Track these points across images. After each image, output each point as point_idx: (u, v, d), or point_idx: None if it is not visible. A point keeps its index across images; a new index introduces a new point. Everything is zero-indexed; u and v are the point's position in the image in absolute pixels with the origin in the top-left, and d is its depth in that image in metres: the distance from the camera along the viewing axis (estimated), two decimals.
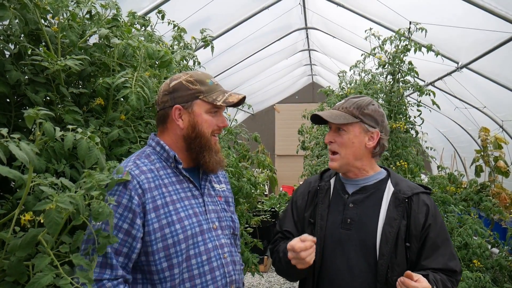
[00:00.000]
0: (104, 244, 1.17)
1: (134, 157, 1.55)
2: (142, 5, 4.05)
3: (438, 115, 6.88)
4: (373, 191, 1.74)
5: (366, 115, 1.72)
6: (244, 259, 3.14)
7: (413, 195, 1.69)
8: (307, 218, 1.81)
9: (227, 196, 1.76)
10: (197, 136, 1.55)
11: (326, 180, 1.86)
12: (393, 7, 4.71)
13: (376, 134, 1.73)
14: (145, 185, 1.45)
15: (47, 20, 1.82)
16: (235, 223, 1.72)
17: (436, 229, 1.66)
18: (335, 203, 1.77)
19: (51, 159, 1.47)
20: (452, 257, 1.67)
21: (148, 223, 1.42)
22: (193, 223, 1.51)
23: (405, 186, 1.73)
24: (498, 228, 4.73)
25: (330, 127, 1.78)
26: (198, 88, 1.55)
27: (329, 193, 1.81)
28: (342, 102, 1.78)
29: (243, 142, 3.96)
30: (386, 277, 1.60)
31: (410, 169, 3.76)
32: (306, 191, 1.88)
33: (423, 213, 1.67)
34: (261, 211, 7.05)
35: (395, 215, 1.65)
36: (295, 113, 9.29)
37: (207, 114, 1.56)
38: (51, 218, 1.01)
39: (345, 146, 1.71)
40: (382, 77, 4.15)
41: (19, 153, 0.97)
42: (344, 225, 1.71)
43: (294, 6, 6.33)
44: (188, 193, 1.56)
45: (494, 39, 4.24)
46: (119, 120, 1.90)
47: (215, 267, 1.52)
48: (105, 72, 1.98)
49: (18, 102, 1.69)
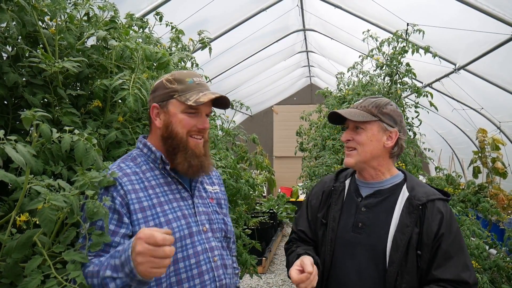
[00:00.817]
0: (99, 242, 1.17)
1: (119, 161, 1.52)
2: (140, 7, 4.05)
3: (436, 116, 6.89)
4: (387, 195, 1.70)
5: (385, 114, 1.70)
6: (242, 260, 3.14)
7: (428, 202, 1.63)
8: (320, 218, 1.80)
9: (220, 198, 1.72)
10: (170, 136, 1.50)
11: (341, 181, 1.84)
12: (390, 9, 4.73)
13: (395, 133, 1.71)
14: (127, 187, 1.41)
15: (44, 22, 1.82)
16: (227, 226, 1.67)
17: (449, 238, 1.60)
18: (348, 205, 1.75)
19: (48, 161, 1.46)
20: (465, 268, 1.58)
21: (134, 223, 1.39)
22: (182, 225, 1.46)
23: (421, 192, 1.67)
24: (496, 229, 4.73)
25: (347, 127, 1.76)
26: (174, 87, 1.51)
27: (343, 195, 1.79)
28: (361, 101, 1.75)
29: (241, 144, 3.97)
30: (395, 284, 1.57)
31: (408, 171, 3.77)
32: (320, 191, 1.86)
33: (437, 221, 1.60)
34: (260, 213, 7.03)
35: (408, 222, 1.61)
36: (293, 115, 9.33)
37: (183, 114, 1.50)
38: (45, 216, 1.01)
39: (362, 144, 1.69)
40: (380, 79, 4.15)
41: (15, 155, 0.96)
42: (355, 228, 1.68)
43: (292, 8, 6.34)
44: (176, 195, 1.52)
45: (491, 41, 4.25)
46: (116, 122, 1.89)
47: (204, 270, 1.47)
48: (102, 74, 1.98)
49: (15, 104, 1.68)
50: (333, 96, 5.40)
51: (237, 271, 1.76)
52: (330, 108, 5.20)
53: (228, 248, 1.68)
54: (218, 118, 3.59)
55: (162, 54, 2.02)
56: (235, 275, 1.73)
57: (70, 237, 1.16)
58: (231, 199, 3.15)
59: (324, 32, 7.13)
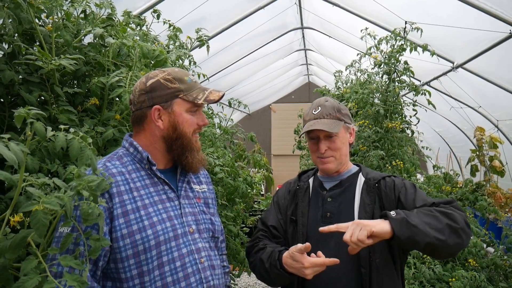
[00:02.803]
0: (97, 247, 1.15)
1: (105, 159, 1.49)
2: (137, 5, 4.03)
3: (434, 114, 6.89)
4: (347, 184, 1.81)
5: (345, 115, 1.82)
6: (240, 258, 3.14)
7: (381, 179, 1.76)
8: (289, 216, 1.85)
9: (207, 198, 1.68)
10: (179, 136, 1.49)
11: (304, 181, 1.93)
12: (388, 6, 4.72)
13: (352, 129, 1.87)
14: (113, 190, 1.38)
15: (41, 19, 1.81)
16: (215, 225, 1.63)
17: (407, 191, 1.69)
18: (315, 199, 1.84)
19: (44, 159, 1.46)
20: (430, 199, 1.68)
21: (115, 229, 1.35)
22: (167, 227, 1.43)
23: (375, 174, 1.82)
24: (493, 227, 4.75)
25: (317, 136, 1.79)
26: (178, 87, 1.48)
27: (309, 192, 1.88)
28: (321, 110, 1.79)
29: (239, 142, 3.96)
30: (369, 260, 1.64)
31: (406, 169, 3.78)
32: (287, 191, 1.94)
33: (391, 188, 1.72)
34: (258, 211, 7.04)
35: (368, 201, 1.72)
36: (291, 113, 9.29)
37: (187, 113, 1.49)
38: (38, 219, 1.00)
39: (339, 149, 1.79)
40: (378, 77, 4.15)
41: (7, 153, 0.95)
42: (325, 219, 1.76)
43: (290, 6, 6.33)
44: (162, 196, 1.49)
45: (489, 39, 4.25)
46: (113, 120, 1.89)
47: (190, 273, 1.44)
48: (99, 72, 1.97)
49: (12, 102, 1.68)
50: (331, 94, 5.39)
51: (227, 269, 1.75)
52: None
53: (216, 248, 1.65)
54: (216, 116, 3.59)
55: (159, 52, 2.01)
56: (225, 274, 1.72)
57: (68, 242, 1.14)
58: (228, 198, 3.15)
59: (322, 30, 7.12)
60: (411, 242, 1.46)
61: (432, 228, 1.48)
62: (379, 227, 1.45)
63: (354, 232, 1.44)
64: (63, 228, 1.23)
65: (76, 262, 1.10)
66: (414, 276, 3.33)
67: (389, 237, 1.46)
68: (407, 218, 1.47)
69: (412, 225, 1.45)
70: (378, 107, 3.83)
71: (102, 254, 1.33)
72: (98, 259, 1.33)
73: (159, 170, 1.51)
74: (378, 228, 1.45)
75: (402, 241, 1.45)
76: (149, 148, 1.50)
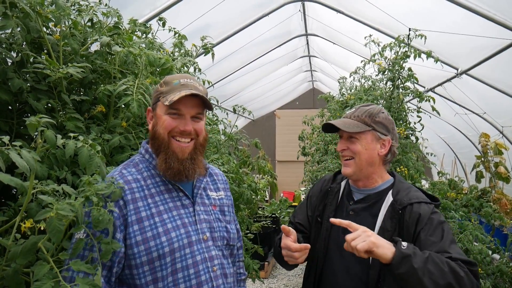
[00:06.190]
0: (108, 250, 1.17)
1: (121, 167, 1.51)
2: (143, 13, 4.07)
3: (438, 121, 6.89)
4: (374, 201, 1.74)
5: (377, 122, 1.74)
6: (245, 265, 3.14)
7: (408, 205, 1.65)
8: (316, 216, 1.86)
9: (223, 205, 1.67)
10: (153, 136, 1.50)
11: (338, 182, 1.89)
12: (392, 14, 4.74)
13: (388, 141, 1.76)
14: (127, 196, 1.40)
15: (49, 28, 1.84)
16: (230, 234, 1.62)
17: (429, 229, 1.59)
18: (341, 207, 1.81)
19: (53, 165, 1.47)
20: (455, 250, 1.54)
21: (130, 235, 1.37)
22: (181, 234, 1.44)
23: (404, 195, 1.70)
24: (499, 234, 4.72)
25: (341, 136, 1.79)
26: (161, 90, 1.51)
27: (338, 196, 1.85)
28: (353, 111, 1.79)
29: (244, 148, 3.97)
30: (376, 285, 1.61)
31: (410, 175, 3.77)
32: (319, 189, 1.93)
33: (414, 221, 1.61)
34: (262, 217, 7.04)
35: (389, 227, 1.65)
36: (296, 119, 9.32)
37: (166, 115, 1.48)
38: (53, 226, 1.01)
39: (358, 153, 1.73)
40: (382, 83, 4.16)
41: (19, 161, 0.97)
42: (344, 230, 1.69)
43: (294, 13, 6.36)
44: (177, 203, 1.49)
45: (493, 46, 4.26)
46: (120, 127, 1.91)
47: (203, 281, 1.44)
48: (106, 79, 1.99)
49: (20, 109, 1.70)
50: (335, 101, 5.41)
51: (243, 277, 1.75)
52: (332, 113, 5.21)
53: (231, 256, 1.65)
54: (220, 123, 3.60)
55: (165, 60, 2.03)
56: (241, 282, 1.73)
57: (79, 248, 1.16)
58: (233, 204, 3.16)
59: (326, 37, 7.14)
60: (400, 279, 1.43)
61: (430, 279, 1.41)
62: (381, 251, 1.43)
63: (358, 239, 1.44)
64: (78, 234, 1.25)
65: (87, 267, 1.11)
66: None
67: (385, 263, 1.44)
68: (412, 257, 1.42)
69: (412, 267, 1.41)
70: None
71: (116, 260, 1.34)
72: (112, 265, 1.34)
73: None
74: (380, 251, 1.43)
75: (395, 273, 1.42)
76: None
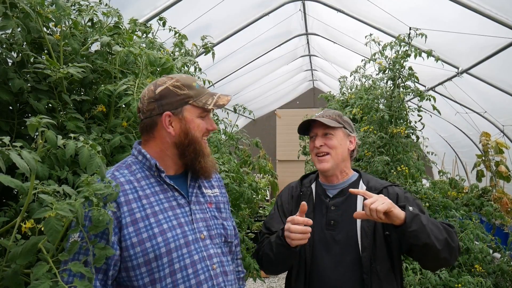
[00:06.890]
0: (102, 256, 1.17)
1: (113, 168, 1.49)
2: (144, 13, 4.07)
3: (439, 120, 6.88)
4: (349, 192, 1.85)
5: (345, 121, 1.95)
6: (245, 264, 3.14)
7: (383, 188, 1.86)
8: None
9: (219, 202, 1.67)
10: (191, 142, 1.49)
11: (307, 186, 2.00)
12: (393, 13, 4.74)
13: (354, 138, 1.97)
14: (120, 198, 1.38)
15: (49, 28, 1.84)
16: (227, 230, 1.61)
17: (409, 205, 1.73)
18: (319, 206, 1.92)
19: (54, 166, 1.48)
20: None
21: (125, 238, 1.35)
22: (177, 234, 1.43)
23: (376, 182, 1.92)
24: (499, 233, 4.71)
25: (315, 135, 1.92)
26: (187, 93, 1.49)
27: (312, 198, 1.95)
28: (322, 113, 1.95)
29: (244, 148, 3.98)
30: (370, 267, 1.74)
31: (411, 174, 3.77)
32: (290, 196, 2.02)
33: (394, 199, 1.77)
34: (263, 217, 7.04)
35: None
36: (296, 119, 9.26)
37: (198, 118, 1.51)
38: (51, 226, 1.01)
39: (335, 147, 1.89)
40: (382, 83, 4.16)
41: (20, 161, 0.97)
42: (328, 226, 1.85)
43: (295, 12, 6.36)
44: (172, 203, 1.48)
45: (494, 45, 4.26)
46: (120, 127, 1.91)
47: (202, 280, 1.43)
48: (106, 79, 1.99)
49: (20, 109, 1.70)
50: (335, 100, 5.40)
51: (242, 274, 1.75)
52: None
53: (230, 253, 1.65)
54: (221, 122, 3.60)
55: (165, 59, 2.03)
56: (240, 280, 1.72)
57: (74, 249, 1.15)
58: (234, 203, 3.16)
59: (327, 36, 7.14)
60: (414, 236, 1.60)
61: (434, 235, 1.64)
62: (397, 211, 1.60)
63: (377, 202, 1.58)
64: (74, 235, 1.24)
65: (86, 269, 1.11)
66: (420, 282, 3.31)
67: (399, 223, 1.61)
68: (420, 216, 1.64)
69: (422, 223, 1.61)
70: (383, 112, 3.84)
71: (112, 263, 1.33)
72: (107, 268, 1.33)
73: (169, 176, 1.51)
74: (396, 211, 1.60)
75: (408, 232, 1.60)
76: (159, 155, 1.51)
